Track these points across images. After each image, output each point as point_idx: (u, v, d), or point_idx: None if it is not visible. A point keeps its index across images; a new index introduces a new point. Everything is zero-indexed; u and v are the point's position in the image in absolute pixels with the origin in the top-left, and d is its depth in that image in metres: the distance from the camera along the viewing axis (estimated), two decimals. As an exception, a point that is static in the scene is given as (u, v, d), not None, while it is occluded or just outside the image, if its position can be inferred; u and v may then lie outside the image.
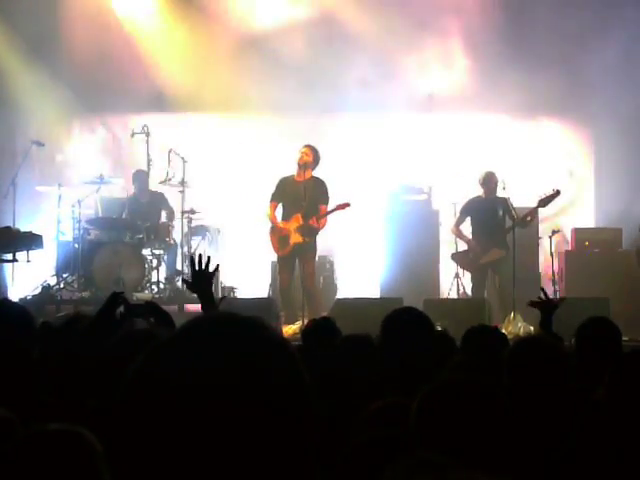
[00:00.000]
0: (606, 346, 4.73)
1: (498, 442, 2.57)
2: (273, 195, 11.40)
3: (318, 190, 11.23)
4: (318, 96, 13.73)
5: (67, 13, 13.62)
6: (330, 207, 11.22)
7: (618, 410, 3.00)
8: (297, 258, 11.25)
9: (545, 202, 11.59)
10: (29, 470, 2.23)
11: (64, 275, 12.33)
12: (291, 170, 11.41)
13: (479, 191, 12.08)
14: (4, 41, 14.00)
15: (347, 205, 11.20)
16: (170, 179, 12.55)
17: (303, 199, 11.01)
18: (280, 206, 11.42)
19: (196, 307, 12.03)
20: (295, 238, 11.12)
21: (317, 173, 11.40)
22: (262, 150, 14.09)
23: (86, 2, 13.88)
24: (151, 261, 12.38)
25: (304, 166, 11.20)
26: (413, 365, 3.97)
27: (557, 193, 11.58)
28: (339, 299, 11.55)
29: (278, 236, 11.28)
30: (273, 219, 11.34)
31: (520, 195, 12.11)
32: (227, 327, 1.46)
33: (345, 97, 13.77)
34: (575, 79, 13.48)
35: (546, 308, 5.60)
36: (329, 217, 11.29)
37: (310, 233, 11.15)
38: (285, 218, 11.30)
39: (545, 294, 5.77)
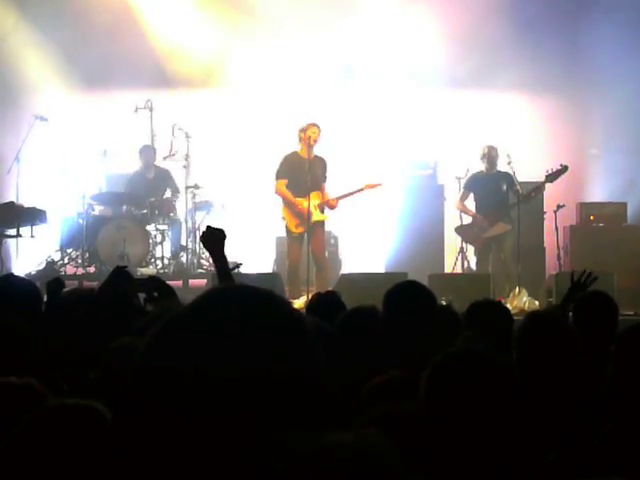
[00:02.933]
0: (603, 321, 4.72)
1: (509, 413, 2.57)
2: (280, 172, 11.33)
3: (322, 169, 11.26)
4: (321, 68, 13.70)
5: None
6: (359, 186, 11.38)
7: (625, 385, 3.00)
8: (307, 232, 11.25)
9: (553, 177, 11.56)
10: (49, 444, 2.24)
11: (68, 250, 12.35)
12: (293, 145, 11.36)
13: (482, 166, 12.03)
14: (9, 16, 13.96)
15: (379, 185, 11.37)
16: (174, 154, 12.55)
17: (313, 175, 11.02)
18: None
19: (201, 282, 12.09)
20: (317, 216, 11.16)
21: (322, 148, 11.39)
22: (265, 125, 14.04)
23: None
24: (155, 236, 12.38)
25: (313, 145, 11.18)
26: (416, 339, 3.95)
27: (565, 168, 11.54)
28: (344, 274, 11.53)
29: (296, 212, 11.24)
30: (287, 195, 11.27)
31: (527, 170, 12.06)
32: (243, 301, 1.43)
33: (351, 71, 13.73)
34: (579, 55, 13.45)
35: (575, 289, 5.46)
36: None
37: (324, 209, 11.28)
38: (292, 194, 11.26)
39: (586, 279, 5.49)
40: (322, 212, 11.28)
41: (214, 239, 4.56)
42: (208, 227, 4.69)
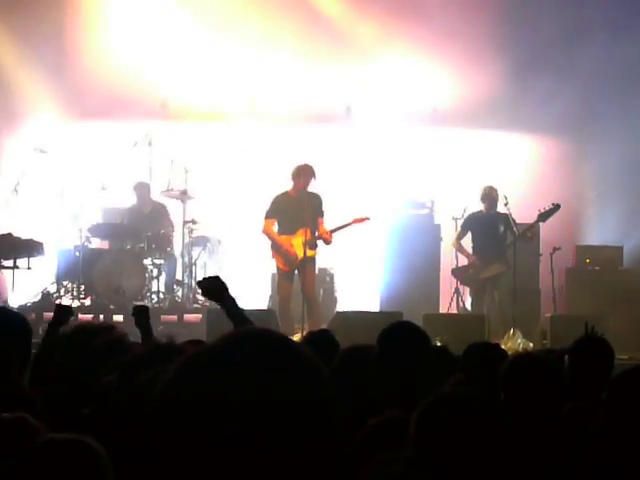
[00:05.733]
0: (599, 364, 4.71)
1: (496, 455, 2.57)
2: (269, 212, 11.35)
3: (316, 204, 11.25)
4: (320, 106, 13.75)
5: (71, 18, 13.64)
6: (346, 220, 11.33)
7: (616, 428, 2.99)
8: (297, 269, 11.25)
9: (545, 216, 11.59)
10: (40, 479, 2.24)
11: (64, 282, 12.33)
12: (289, 183, 11.35)
13: (480, 206, 12.08)
14: (6, 48, 14.02)
15: (366, 219, 11.30)
16: (172, 189, 12.56)
17: (304, 212, 11.02)
18: (275, 222, 11.42)
19: (196, 317, 12.06)
20: (307, 252, 11.11)
21: (320, 188, 11.41)
22: (263, 162, 14.09)
23: (91, 8, 13.89)
24: (151, 270, 12.37)
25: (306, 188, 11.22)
26: (410, 380, 3.95)
27: (557, 207, 11.58)
28: (339, 312, 11.52)
29: (283, 251, 11.25)
30: (273, 235, 11.32)
31: (522, 210, 12.08)
32: (263, 345, 1.45)
33: (349, 111, 13.79)
34: (578, 98, 13.50)
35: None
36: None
37: (316, 245, 11.20)
38: (284, 233, 11.28)
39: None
40: (312, 248, 11.25)
41: (214, 288, 4.47)
42: (201, 282, 4.64)
